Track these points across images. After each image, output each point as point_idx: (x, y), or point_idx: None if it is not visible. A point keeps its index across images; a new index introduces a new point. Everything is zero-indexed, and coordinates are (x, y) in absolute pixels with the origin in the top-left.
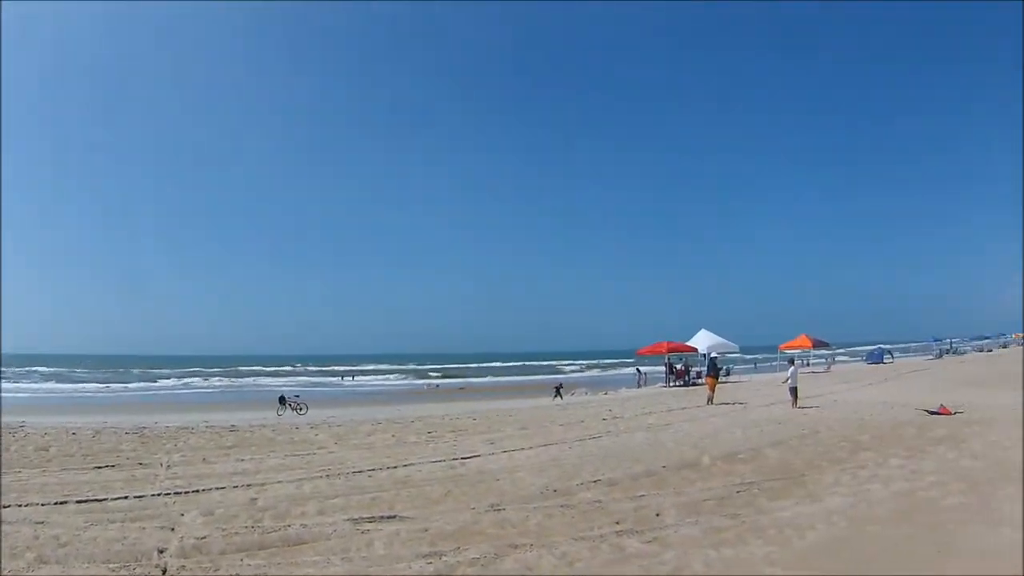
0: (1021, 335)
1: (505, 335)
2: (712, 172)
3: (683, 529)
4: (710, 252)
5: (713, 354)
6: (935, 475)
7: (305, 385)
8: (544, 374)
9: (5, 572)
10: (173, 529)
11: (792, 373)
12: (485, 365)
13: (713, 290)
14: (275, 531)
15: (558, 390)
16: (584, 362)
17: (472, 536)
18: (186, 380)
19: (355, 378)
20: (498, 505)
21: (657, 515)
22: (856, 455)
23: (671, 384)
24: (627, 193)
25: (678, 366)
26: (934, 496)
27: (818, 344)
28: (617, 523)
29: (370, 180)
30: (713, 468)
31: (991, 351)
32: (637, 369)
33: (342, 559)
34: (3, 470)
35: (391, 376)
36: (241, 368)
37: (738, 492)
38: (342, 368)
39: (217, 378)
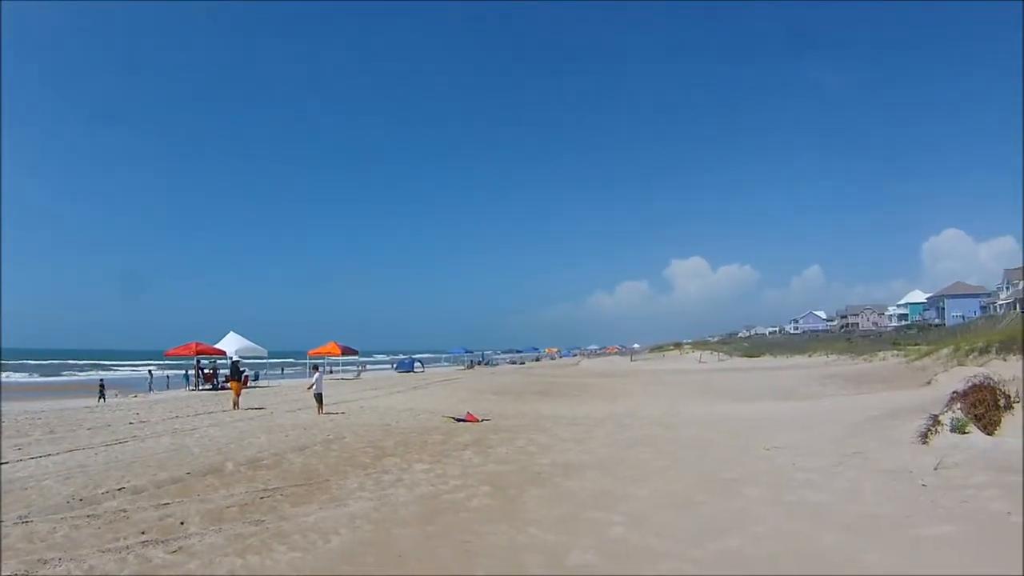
0: (556, 349)
1: (43, 328)
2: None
3: (207, 537)
4: (241, 255)
5: (236, 358)
6: (460, 479)
7: None
8: (84, 372)
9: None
10: None
11: (317, 379)
12: (20, 362)
13: (245, 292)
14: None
15: (102, 390)
16: (122, 362)
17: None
18: None
19: None
20: (26, 517)
21: (182, 523)
22: (381, 460)
23: (199, 387)
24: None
25: (207, 370)
26: (460, 498)
27: (347, 351)
28: (143, 533)
29: None
30: (237, 474)
31: (523, 363)
32: (149, 371)
33: None
34: None
35: None
36: None
37: (262, 498)
38: None
39: None
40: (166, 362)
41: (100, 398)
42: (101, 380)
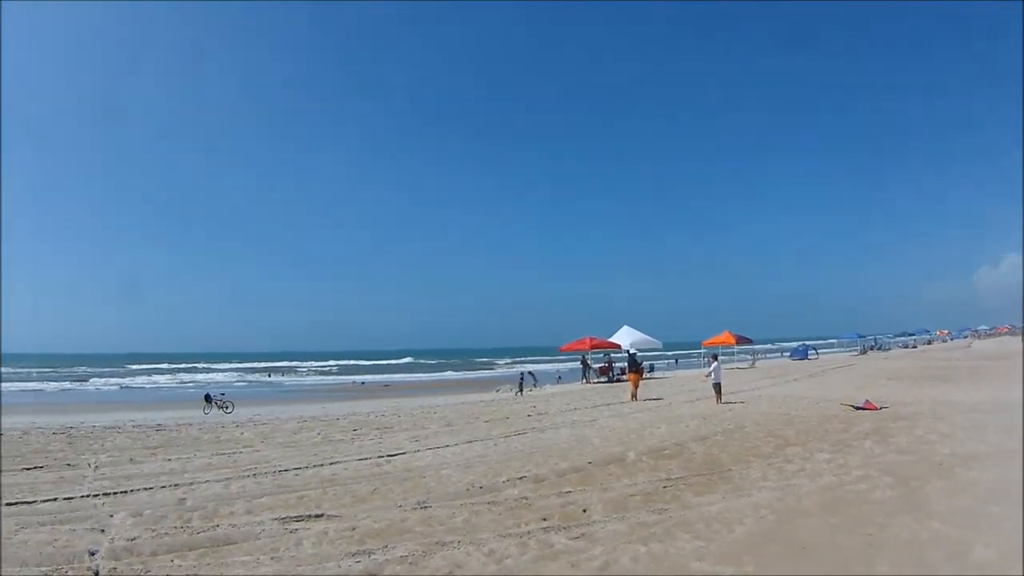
0: (946, 332)
1: (432, 333)
2: (629, 176)
3: (610, 525)
4: (632, 252)
5: (633, 350)
6: (862, 469)
7: (230, 383)
8: (472, 371)
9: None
10: (103, 531)
11: (715, 369)
12: (410, 361)
13: (636, 287)
14: (204, 531)
15: (521, 383)
16: (510, 359)
17: (400, 534)
18: (115, 379)
19: (284, 375)
20: (425, 502)
21: (584, 511)
22: (783, 450)
23: (590, 381)
24: (543, 197)
25: (595, 366)
26: (862, 489)
27: (741, 340)
28: (544, 519)
29: (277, 178)
30: (639, 464)
31: (915, 347)
32: (521, 373)
33: (271, 559)
34: None
35: (317, 373)
36: (165, 366)
37: (664, 487)
38: (267, 365)
39: (145, 376)
40: (560, 357)
41: (518, 392)
42: (522, 373)
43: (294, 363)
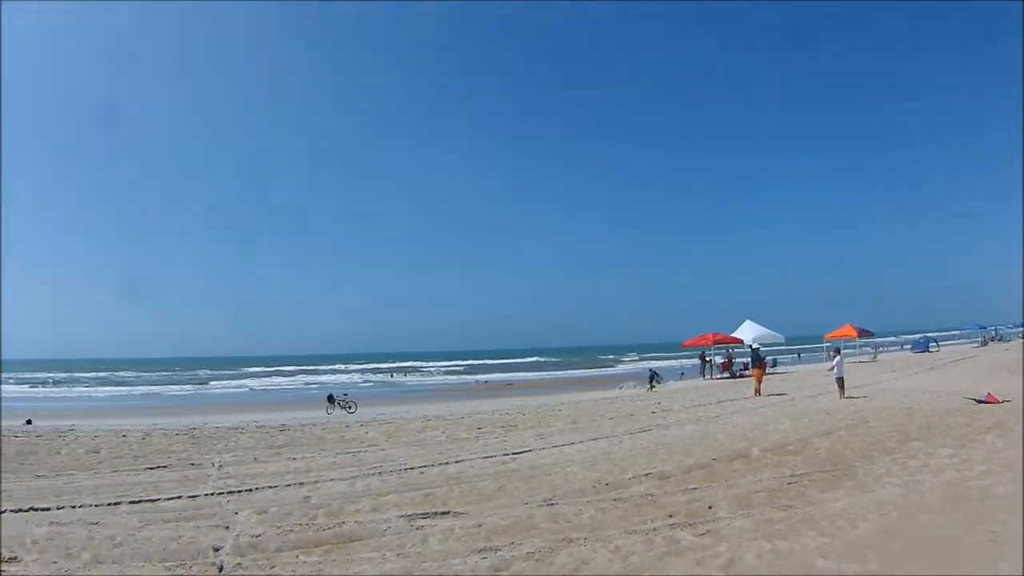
0: None
1: (551, 332)
2: (737, 164)
3: (736, 521)
4: (748, 244)
5: (756, 345)
6: (985, 464)
7: (354, 383)
8: (588, 368)
9: (63, 572)
10: (228, 528)
11: (838, 363)
12: (536, 360)
13: (754, 282)
14: (329, 528)
15: (652, 379)
16: (635, 355)
17: (526, 531)
18: (236, 381)
19: (407, 375)
20: (551, 499)
21: (709, 508)
22: (905, 445)
23: (712, 376)
24: (658, 189)
25: (718, 359)
26: (985, 485)
27: (863, 333)
28: (670, 516)
29: (405, 179)
30: (763, 460)
31: None
32: (651, 370)
33: (397, 555)
34: (56, 473)
35: (442, 373)
36: (287, 368)
37: (789, 484)
38: (390, 366)
39: (266, 378)
40: (683, 354)
41: (648, 387)
42: (651, 370)
43: (420, 363)
